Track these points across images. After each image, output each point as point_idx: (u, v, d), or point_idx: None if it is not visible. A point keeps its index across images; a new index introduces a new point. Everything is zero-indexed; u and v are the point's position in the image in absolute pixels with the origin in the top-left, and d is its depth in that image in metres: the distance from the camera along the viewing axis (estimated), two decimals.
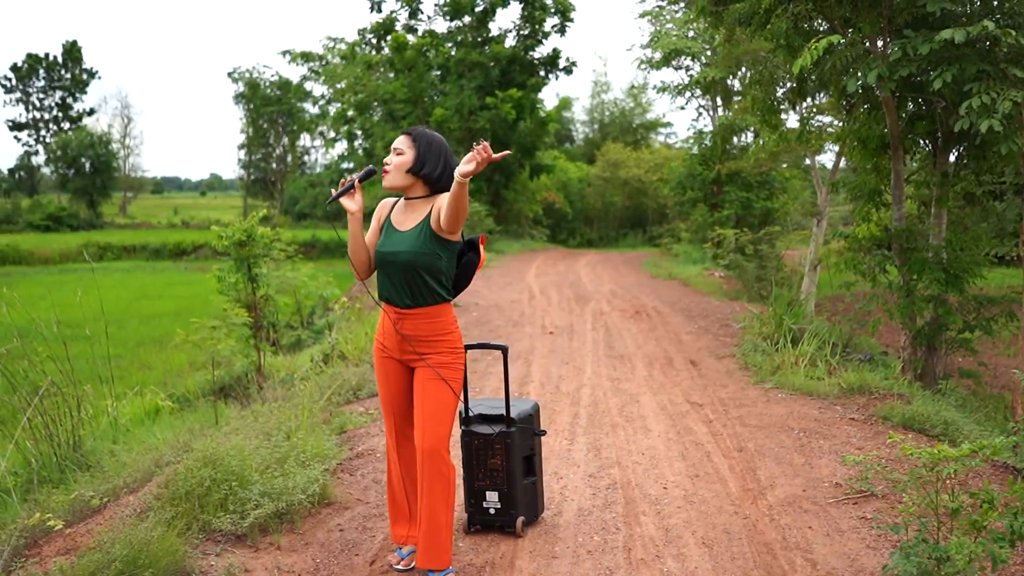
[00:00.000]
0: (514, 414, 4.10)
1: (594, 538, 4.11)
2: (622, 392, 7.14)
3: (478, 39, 26.11)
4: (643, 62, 19.36)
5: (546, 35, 26.39)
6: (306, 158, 61.55)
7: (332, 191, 3.67)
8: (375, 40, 26.53)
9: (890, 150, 8.59)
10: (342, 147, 35.56)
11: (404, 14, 26.36)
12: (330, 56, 40.16)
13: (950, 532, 3.23)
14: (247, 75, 56.64)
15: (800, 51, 7.34)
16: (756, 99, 9.21)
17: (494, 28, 26.58)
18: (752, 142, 17.77)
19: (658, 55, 18.78)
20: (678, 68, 20.39)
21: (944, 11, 7.00)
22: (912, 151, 9.11)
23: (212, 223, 12.82)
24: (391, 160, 3.59)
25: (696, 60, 19.72)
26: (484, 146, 3.22)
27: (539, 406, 4.38)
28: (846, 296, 13.73)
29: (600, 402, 6.79)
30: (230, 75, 57.27)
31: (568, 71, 26.92)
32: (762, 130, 10.74)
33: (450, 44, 26.16)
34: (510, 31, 26.63)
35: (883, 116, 8.40)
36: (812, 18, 7.91)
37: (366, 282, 3.78)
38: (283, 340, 12.48)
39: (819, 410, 6.44)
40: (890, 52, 7.15)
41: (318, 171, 55.27)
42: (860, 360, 8.77)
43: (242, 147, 59.66)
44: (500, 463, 4.06)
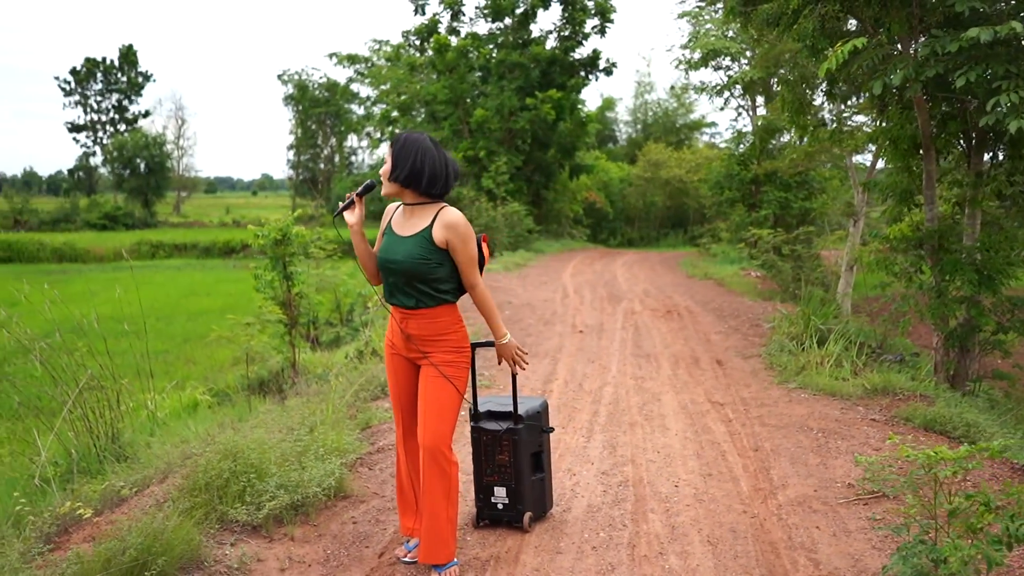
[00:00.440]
0: (522, 411, 4.13)
1: (600, 534, 4.12)
2: (644, 391, 7.13)
3: (519, 40, 26.13)
4: (681, 62, 19.21)
5: (586, 36, 26.32)
6: (353, 158, 62.06)
7: (339, 203, 3.76)
8: (419, 42, 26.68)
9: (922, 150, 8.45)
10: (386, 147, 35.84)
11: (447, 16, 26.47)
12: (375, 58, 40.52)
13: (948, 534, 3.19)
14: (296, 77, 57.32)
15: (826, 53, 7.27)
16: (785, 99, 9.12)
17: (535, 29, 26.58)
18: (788, 142, 17.54)
19: (697, 55, 18.63)
20: (717, 68, 20.25)
21: (973, 10, 6.88)
22: (946, 151, 8.95)
23: (256, 222, 13.04)
24: (382, 170, 3.67)
25: (735, 60, 19.57)
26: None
27: (548, 403, 4.40)
28: (881, 297, 13.54)
29: (621, 400, 6.79)
30: (280, 77, 57.89)
31: (608, 72, 26.83)
32: (792, 130, 10.62)
33: (491, 46, 26.21)
34: (551, 32, 26.61)
35: (915, 116, 8.27)
36: (840, 18, 7.81)
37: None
38: (323, 337, 12.65)
39: (840, 411, 6.37)
40: (918, 52, 7.05)
41: (364, 171, 55.72)
42: (891, 361, 8.66)
43: (291, 148, 60.39)
44: (508, 459, 4.10)
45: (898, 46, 7.85)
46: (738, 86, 19.35)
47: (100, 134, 65.33)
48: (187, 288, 23.92)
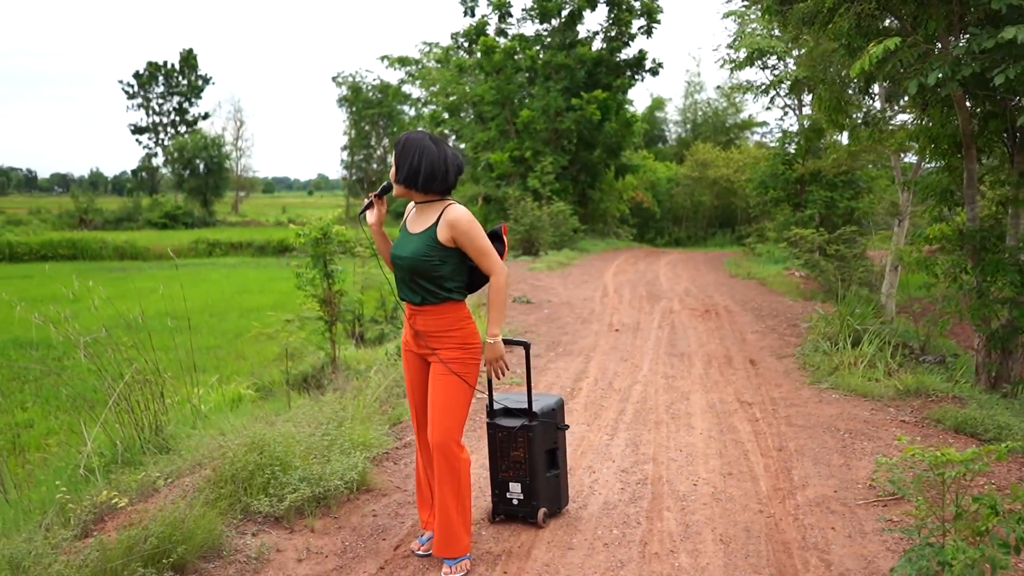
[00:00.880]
0: (537, 408, 4.14)
1: (613, 531, 4.11)
2: (674, 389, 7.09)
3: (565, 42, 26.08)
4: (726, 62, 18.99)
5: (632, 37, 26.19)
6: None
7: (364, 200, 3.87)
8: (467, 43, 26.79)
9: (963, 149, 8.27)
10: None
11: (495, 17, 26.54)
12: (426, 60, 40.79)
13: (954, 537, 3.13)
14: (350, 79, 57.96)
15: (860, 52, 7.14)
16: (823, 98, 8.98)
17: (581, 31, 26.51)
18: (828, 141, 17.23)
19: (742, 54, 18.41)
20: (764, 68, 19.98)
21: (1012, 8, 6.70)
22: (988, 150, 8.74)
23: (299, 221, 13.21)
24: (390, 172, 3.73)
25: (781, 59, 19.29)
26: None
27: (563, 401, 4.40)
28: (925, 297, 13.26)
29: (649, 399, 6.76)
30: (334, 79, 58.63)
31: (654, 72, 26.66)
32: (828, 129, 10.44)
33: (537, 47, 26.21)
34: (597, 33, 26.51)
35: (955, 115, 8.09)
36: (876, 17, 7.67)
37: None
38: (368, 334, 12.77)
39: (871, 412, 6.27)
40: (954, 50, 6.89)
41: None
42: (931, 362, 8.49)
43: (345, 148, 61.07)
44: (522, 456, 4.11)
45: (937, 44, 7.69)
46: (784, 85, 19.08)
47: (161, 136, 66.78)
48: (240, 285, 24.29)
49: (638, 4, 25.86)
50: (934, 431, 5.77)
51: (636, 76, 26.71)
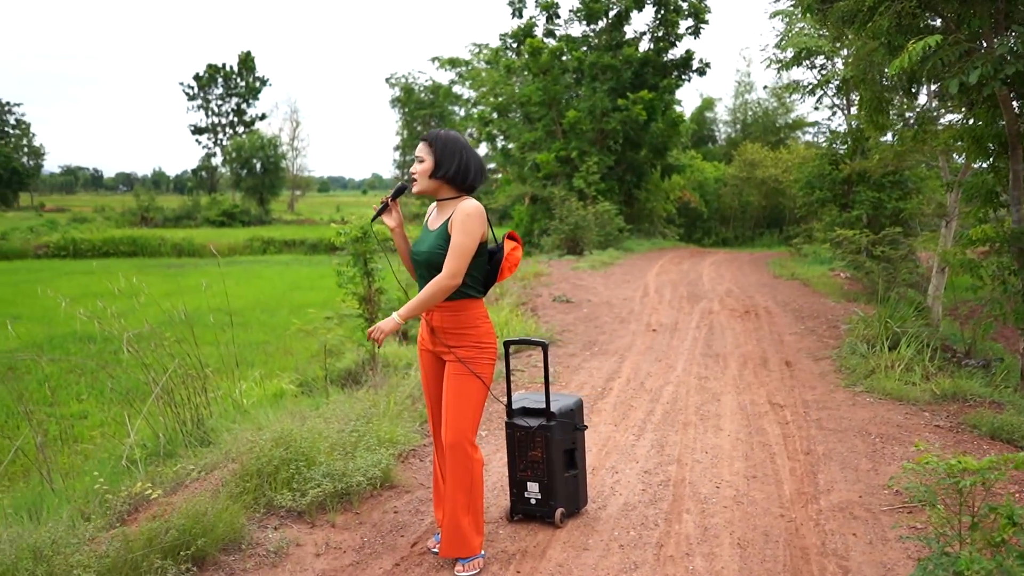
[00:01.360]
0: (556, 409, 4.11)
1: (630, 533, 4.06)
2: (706, 391, 6.99)
3: (612, 42, 25.91)
4: (773, 61, 18.68)
5: (679, 37, 25.92)
6: None
7: (373, 208, 3.81)
8: (515, 45, 26.76)
9: (1009, 149, 8.02)
10: (486, 147, 36.20)
11: (543, 19, 26.46)
12: (476, 61, 40.89)
13: (970, 547, 3.02)
14: (403, 80, 58.38)
15: (901, 51, 6.96)
16: (863, 97, 8.77)
17: (628, 31, 26.30)
18: (871, 142, 16.82)
19: (789, 54, 18.10)
20: (812, 67, 19.62)
21: None
22: None
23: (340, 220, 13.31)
24: (415, 169, 3.65)
25: (829, 59, 18.93)
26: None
27: (582, 401, 4.36)
28: (972, 300, 12.90)
29: (680, 400, 6.67)
30: (387, 81, 59.15)
31: (701, 72, 26.35)
32: (867, 130, 10.20)
33: (584, 48, 26.08)
34: (644, 34, 26.30)
35: (1001, 114, 7.85)
36: (916, 15, 7.47)
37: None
38: (412, 332, 12.82)
39: (904, 416, 6.11)
40: (998, 48, 6.69)
41: None
42: (974, 366, 8.25)
43: (397, 148, 61.56)
44: (540, 455, 4.07)
45: (981, 43, 7.47)
46: (831, 85, 18.72)
47: (220, 136, 67.94)
48: (292, 282, 24.57)
49: (686, 5, 25.59)
50: (968, 437, 5.61)
51: (683, 76, 26.43)
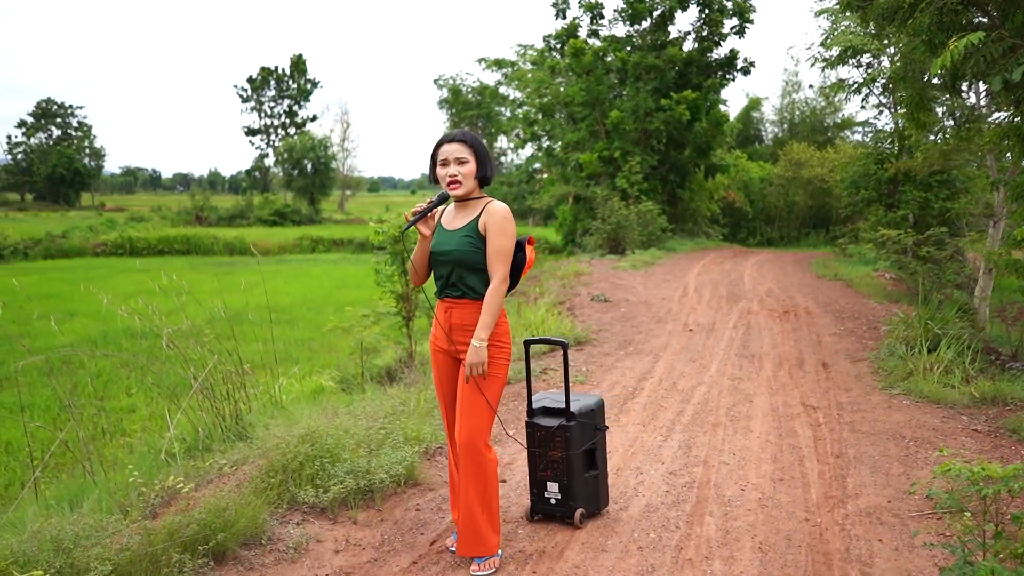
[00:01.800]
0: (576, 409, 4.04)
1: (650, 535, 3.98)
2: (738, 391, 6.86)
3: (656, 42, 25.67)
4: (818, 60, 18.35)
5: (724, 37, 25.57)
6: (503, 159, 62.88)
7: (406, 217, 3.66)
8: (559, 46, 26.64)
9: None
10: (531, 147, 36.14)
11: (587, 19, 26.31)
12: (522, 62, 40.84)
13: (990, 558, 2.90)
14: (450, 82, 58.58)
15: (943, 49, 6.75)
16: (904, 96, 8.55)
17: (672, 31, 26.02)
18: (915, 141, 16.39)
19: (834, 52, 17.76)
20: (858, 66, 19.24)
21: None
22: None
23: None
24: (459, 171, 3.55)
25: (876, 57, 18.55)
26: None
27: (603, 401, 4.28)
28: (1020, 301, 12.55)
29: (711, 400, 6.55)
30: (435, 82, 59.37)
31: (746, 72, 25.97)
32: (909, 127, 9.94)
33: (628, 48, 25.87)
34: (688, 34, 26.01)
35: None
36: (959, 11, 7.24)
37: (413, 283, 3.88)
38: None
39: (941, 419, 5.93)
40: None
41: (511, 171, 56.25)
42: (1019, 369, 8.00)
43: None
44: (560, 455, 4.02)
45: None
46: (877, 83, 18.35)
47: (272, 137, 68.83)
48: (339, 280, 24.76)
49: (730, 4, 25.24)
50: (1007, 441, 5.42)
51: (727, 76, 26.08)
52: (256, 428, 6.34)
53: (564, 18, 26.29)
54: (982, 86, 11.80)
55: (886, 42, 17.20)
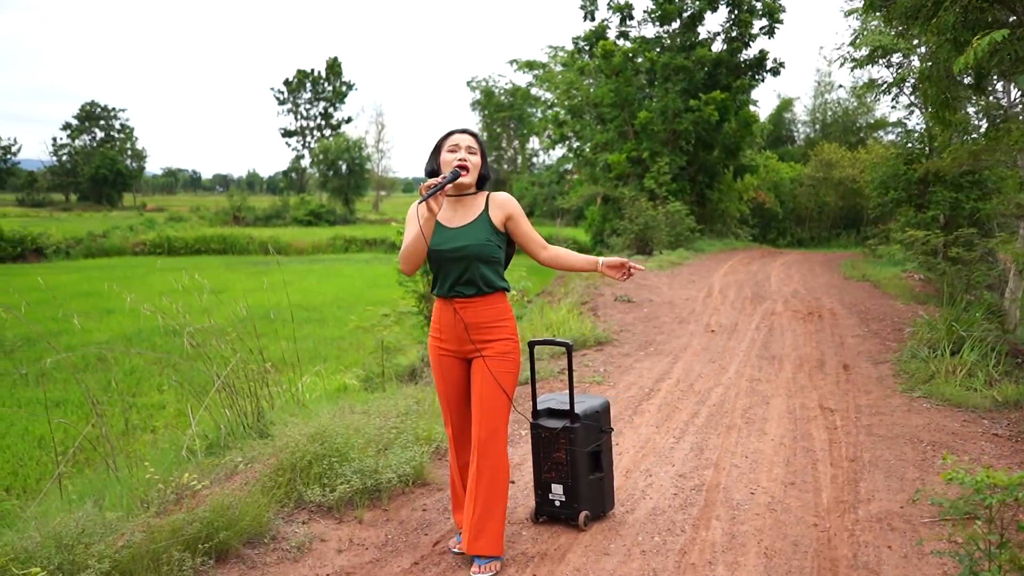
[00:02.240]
0: (580, 411, 3.97)
1: (655, 538, 3.90)
2: (756, 393, 6.74)
3: (685, 43, 25.46)
4: (847, 59, 18.04)
5: (753, 38, 25.27)
6: (535, 160, 62.83)
7: (421, 191, 3.33)
8: (588, 47, 26.51)
9: None
10: (563, 148, 36.02)
11: (616, 20, 26.15)
12: (553, 63, 40.74)
13: (998, 568, 2.79)
14: (483, 84, 58.64)
15: (967, 47, 6.59)
16: (928, 95, 8.36)
17: (701, 32, 25.78)
18: (943, 140, 16.05)
19: (863, 52, 17.46)
20: (889, 66, 18.91)
21: None
22: None
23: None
24: (472, 159, 3.51)
25: (907, 57, 18.21)
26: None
27: (609, 403, 4.21)
28: None
29: (727, 402, 6.44)
30: (468, 84, 59.48)
31: (775, 73, 25.64)
32: (935, 127, 9.73)
33: (658, 49, 25.67)
34: (717, 35, 25.73)
35: None
36: (983, 9, 7.06)
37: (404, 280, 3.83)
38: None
39: (962, 423, 5.78)
40: None
41: (541, 171, 56.20)
42: None
43: None
44: (564, 457, 3.95)
45: None
46: (907, 83, 18.01)
47: (308, 139, 69.41)
48: (371, 280, 24.83)
49: (760, 5, 24.96)
50: None
51: (756, 77, 25.78)
52: (277, 426, 6.35)
53: (592, 20, 26.17)
54: (1013, 86, 11.52)
55: (916, 42, 16.94)
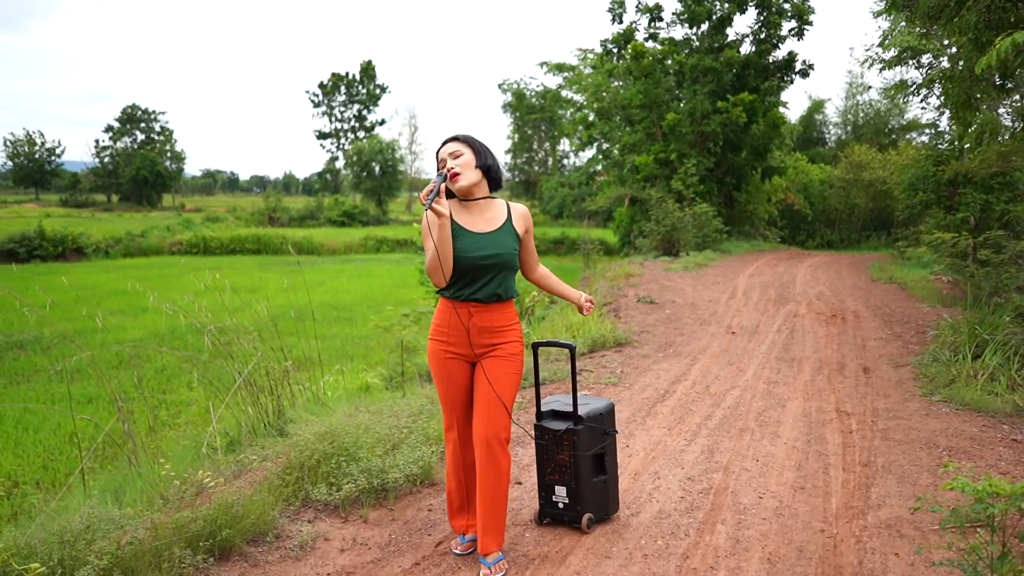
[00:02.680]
0: (584, 412, 3.92)
1: (658, 542, 3.83)
2: (772, 396, 6.63)
3: (714, 45, 25.22)
4: (875, 60, 17.76)
5: (782, 39, 24.95)
6: (565, 161, 62.73)
7: (422, 201, 3.25)
8: (616, 50, 26.35)
9: None
10: (592, 150, 35.90)
11: (644, 22, 25.97)
12: (582, 66, 40.62)
13: None
14: (514, 86, 58.67)
15: (990, 47, 6.43)
16: (949, 95, 8.19)
17: (730, 34, 25.51)
18: (970, 138, 15.71)
19: (891, 53, 17.18)
20: (919, 67, 18.60)
21: None
22: None
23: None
24: (454, 164, 3.43)
25: (937, 58, 17.90)
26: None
27: (614, 405, 4.14)
28: None
29: (742, 405, 6.34)
30: (499, 86, 59.54)
31: (804, 74, 25.28)
32: (957, 128, 9.52)
33: (686, 51, 25.46)
34: (746, 36, 25.45)
35: None
36: (1007, 9, 6.89)
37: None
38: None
39: (980, 428, 5.63)
40: None
41: (571, 173, 56.07)
42: None
43: (508, 152, 61.90)
44: (568, 459, 3.90)
45: None
46: (936, 84, 17.70)
47: (342, 141, 69.84)
48: (400, 280, 24.90)
49: (788, 7, 24.65)
50: None
51: (785, 78, 25.46)
52: (297, 424, 6.36)
53: (620, 22, 26.01)
54: None
55: (946, 43, 16.64)
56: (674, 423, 5.83)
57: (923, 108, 42.27)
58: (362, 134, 68.88)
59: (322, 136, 69.86)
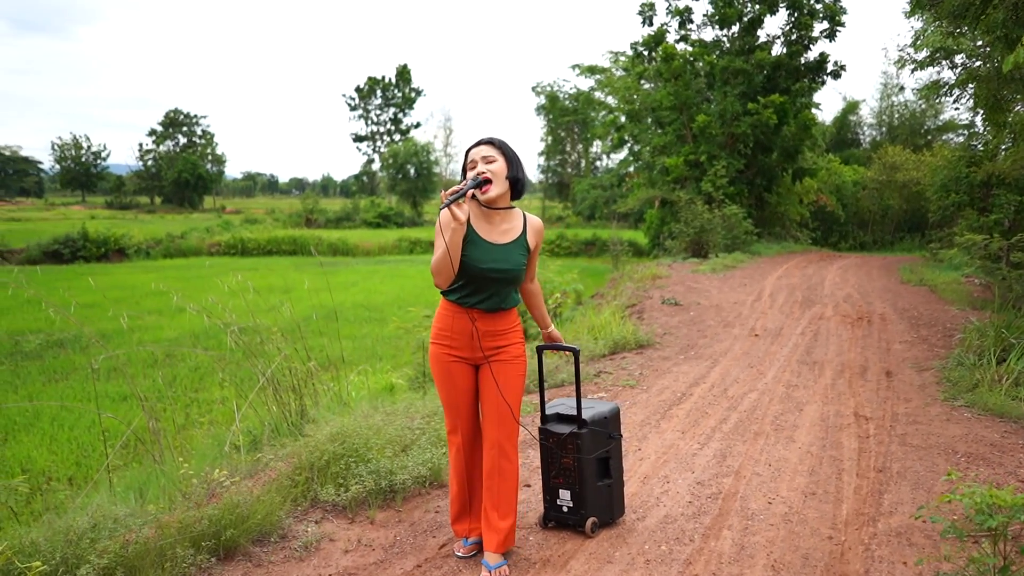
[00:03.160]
0: (588, 416, 3.86)
1: (661, 547, 3.76)
2: (790, 399, 6.51)
3: (744, 47, 24.95)
4: (907, 61, 17.43)
5: (813, 40, 24.60)
6: (598, 163, 62.47)
7: (442, 198, 3.17)
8: (646, 52, 26.17)
9: None
10: (626, 151, 35.71)
11: (674, 24, 25.76)
12: (614, 68, 40.43)
13: None
14: (547, 89, 58.53)
15: (1018, 44, 6.27)
16: (979, 96, 8.00)
17: (761, 35, 25.22)
18: (998, 140, 15.33)
19: (923, 54, 16.85)
20: (953, 67, 18.23)
21: None
22: None
23: None
24: (487, 168, 3.33)
25: (970, 58, 17.54)
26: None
27: (619, 409, 4.08)
28: None
29: (759, 408, 6.23)
30: (533, 89, 59.45)
31: (836, 76, 24.90)
32: (989, 129, 9.29)
33: (716, 53, 25.21)
34: (777, 38, 25.14)
35: None
36: None
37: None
38: (531, 330, 12.75)
39: (1002, 434, 5.48)
40: None
41: (603, 174, 55.80)
42: None
43: (542, 154, 61.81)
44: (572, 463, 3.84)
45: None
46: (970, 85, 17.34)
47: (378, 144, 70.27)
48: (431, 281, 24.85)
49: (820, 7, 24.31)
50: None
51: (817, 80, 25.10)
52: (318, 424, 6.37)
53: (651, 25, 25.83)
54: None
55: (979, 43, 16.28)
56: (688, 426, 5.74)
57: (956, 109, 41.39)
58: (398, 137, 69.28)
59: (359, 139, 70.37)
